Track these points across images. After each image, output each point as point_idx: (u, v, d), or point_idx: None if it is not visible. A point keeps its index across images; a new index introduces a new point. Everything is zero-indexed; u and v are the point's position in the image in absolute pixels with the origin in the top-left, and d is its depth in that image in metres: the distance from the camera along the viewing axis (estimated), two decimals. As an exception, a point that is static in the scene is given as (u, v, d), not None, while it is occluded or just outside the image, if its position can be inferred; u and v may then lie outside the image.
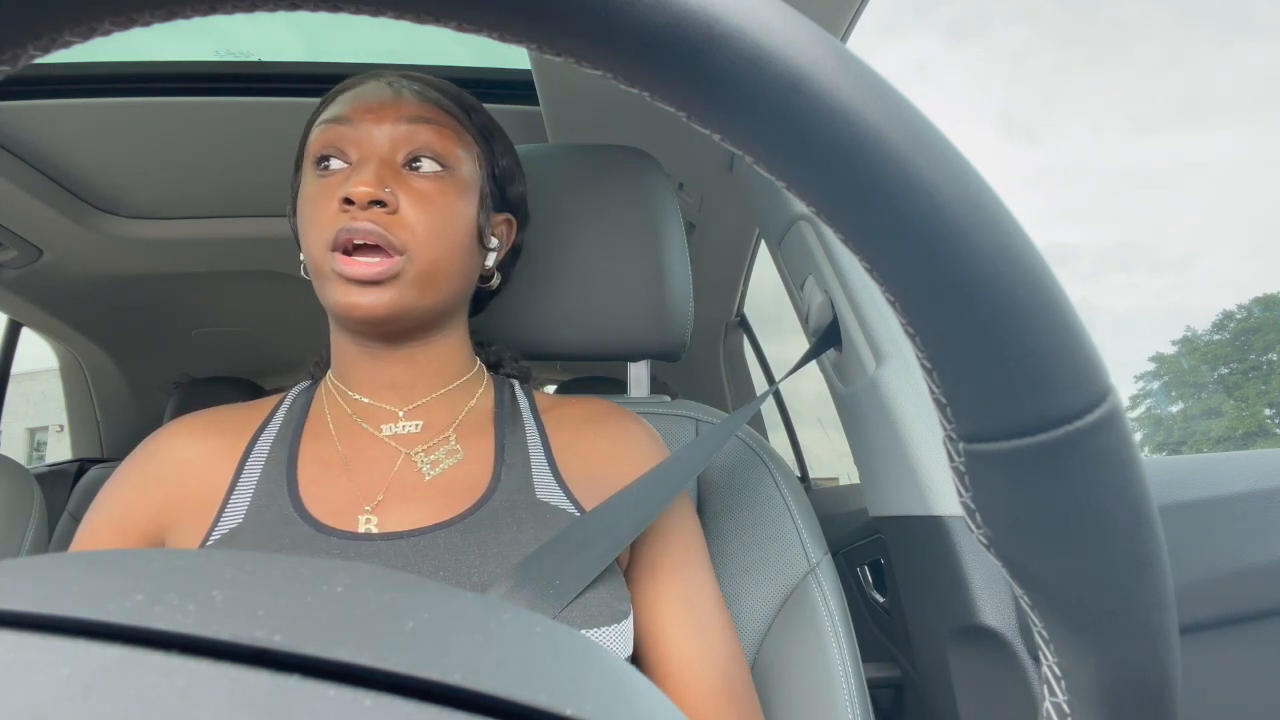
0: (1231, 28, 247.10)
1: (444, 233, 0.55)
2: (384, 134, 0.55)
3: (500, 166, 0.62)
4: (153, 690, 0.11)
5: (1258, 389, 23.49)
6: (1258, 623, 0.71)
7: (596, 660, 0.16)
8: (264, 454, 0.56)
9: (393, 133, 0.55)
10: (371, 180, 0.51)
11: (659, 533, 0.57)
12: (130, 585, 0.14)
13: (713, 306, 1.74)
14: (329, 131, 0.55)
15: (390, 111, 0.55)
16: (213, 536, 0.51)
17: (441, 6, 0.16)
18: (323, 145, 0.55)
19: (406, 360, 0.58)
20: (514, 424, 0.60)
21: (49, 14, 0.16)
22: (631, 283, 0.74)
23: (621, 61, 0.17)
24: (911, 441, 0.72)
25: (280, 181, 1.31)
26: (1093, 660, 0.20)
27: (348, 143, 0.55)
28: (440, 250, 0.54)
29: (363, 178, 0.51)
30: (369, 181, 0.51)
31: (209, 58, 1.16)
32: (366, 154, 0.54)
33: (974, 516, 0.20)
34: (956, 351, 0.18)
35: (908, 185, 0.16)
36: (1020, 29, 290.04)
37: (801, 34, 0.16)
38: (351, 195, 0.51)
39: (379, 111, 0.55)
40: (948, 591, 0.70)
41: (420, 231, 0.53)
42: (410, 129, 0.55)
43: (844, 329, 0.80)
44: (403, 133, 0.55)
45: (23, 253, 1.40)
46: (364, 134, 0.55)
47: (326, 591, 0.15)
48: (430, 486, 0.54)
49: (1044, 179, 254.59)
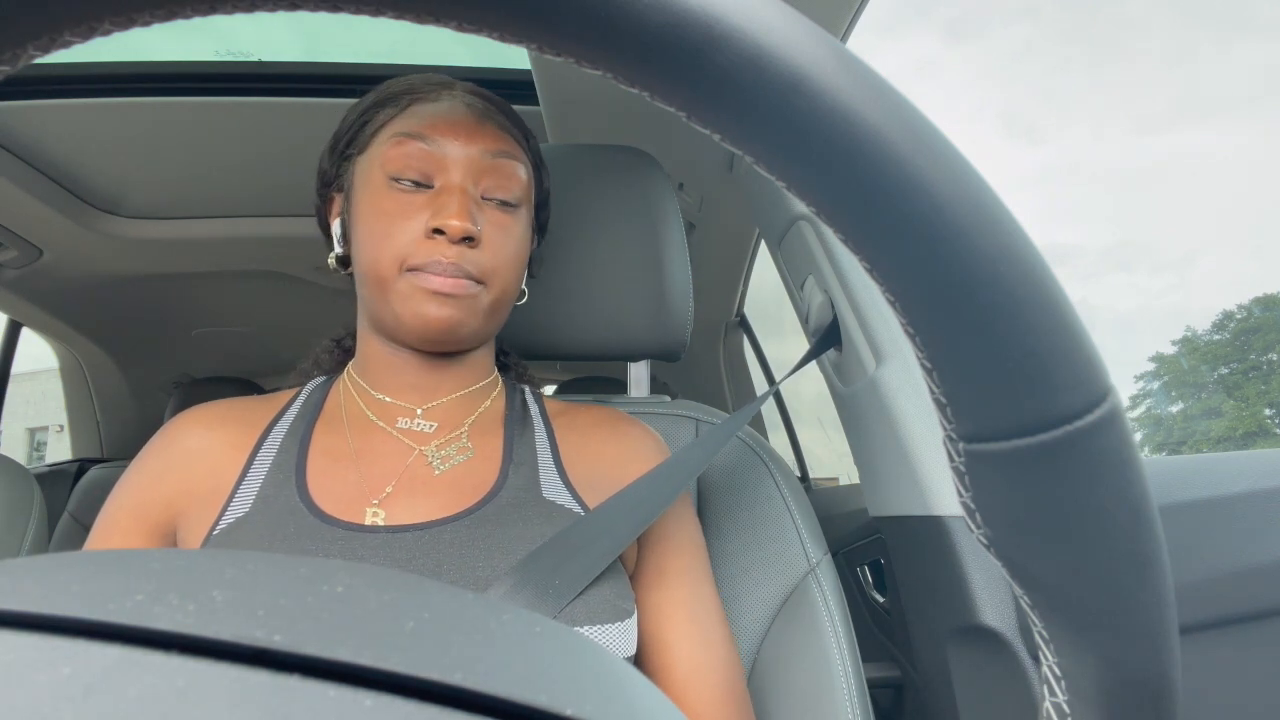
0: (1233, 27, 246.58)
1: (514, 265, 0.57)
2: (468, 161, 0.55)
3: (543, 191, 0.64)
4: (153, 690, 0.11)
5: (1258, 389, 23.49)
6: (1258, 623, 0.71)
7: (596, 660, 0.16)
8: (275, 445, 0.56)
9: (478, 163, 0.55)
10: (465, 215, 0.53)
11: (666, 537, 0.57)
12: (130, 585, 0.14)
13: (713, 306, 1.74)
14: (409, 147, 0.55)
15: (476, 138, 0.56)
16: (220, 525, 0.51)
17: (441, 6, 0.16)
18: (403, 160, 0.55)
19: (438, 367, 0.59)
20: (524, 426, 0.60)
21: (49, 14, 0.16)
22: (631, 283, 0.74)
23: (622, 61, 0.17)
24: (911, 441, 0.72)
25: (280, 181, 1.32)
26: (1093, 660, 0.20)
27: (430, 163, 0.55)
28: (510, 281, 0.57)
29: (454, 211, 0.52)
30: (462, 216, 0.52)
31: (209, 58, 1.16)
32: (450, 181, 0.55)
33: (974, 516, 0.20)
34: (956, 351, 0.18)
35: (907, 185, 0.16)
36: (1021, 28, 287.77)
37: (801, 34, 0.16)
38: (446, 228, 0.52)
39: (465, 137, 0.55)
40: (948, 591, 0.70)
41: (498, 265, 0.55)
42: (494, 163, 0.56)
43: (844, 329, 0.80)
44: (487, 164, 0.56)
45: (23, 253, 1.40)
46: (450, 158, 0.55)
47: (327, 591, 0.15)
48: (439, 481, 0.54)
49: (1045, 178, 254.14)
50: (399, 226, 0.54)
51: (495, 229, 0.55)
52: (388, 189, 0.55)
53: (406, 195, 0.54)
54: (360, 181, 0.57)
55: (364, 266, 0.56)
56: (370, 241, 0.55)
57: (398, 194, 0.55)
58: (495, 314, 0.57)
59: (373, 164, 0.56)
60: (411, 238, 0.53)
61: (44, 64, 1.09)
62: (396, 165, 0.55)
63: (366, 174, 0.57)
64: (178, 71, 1.14)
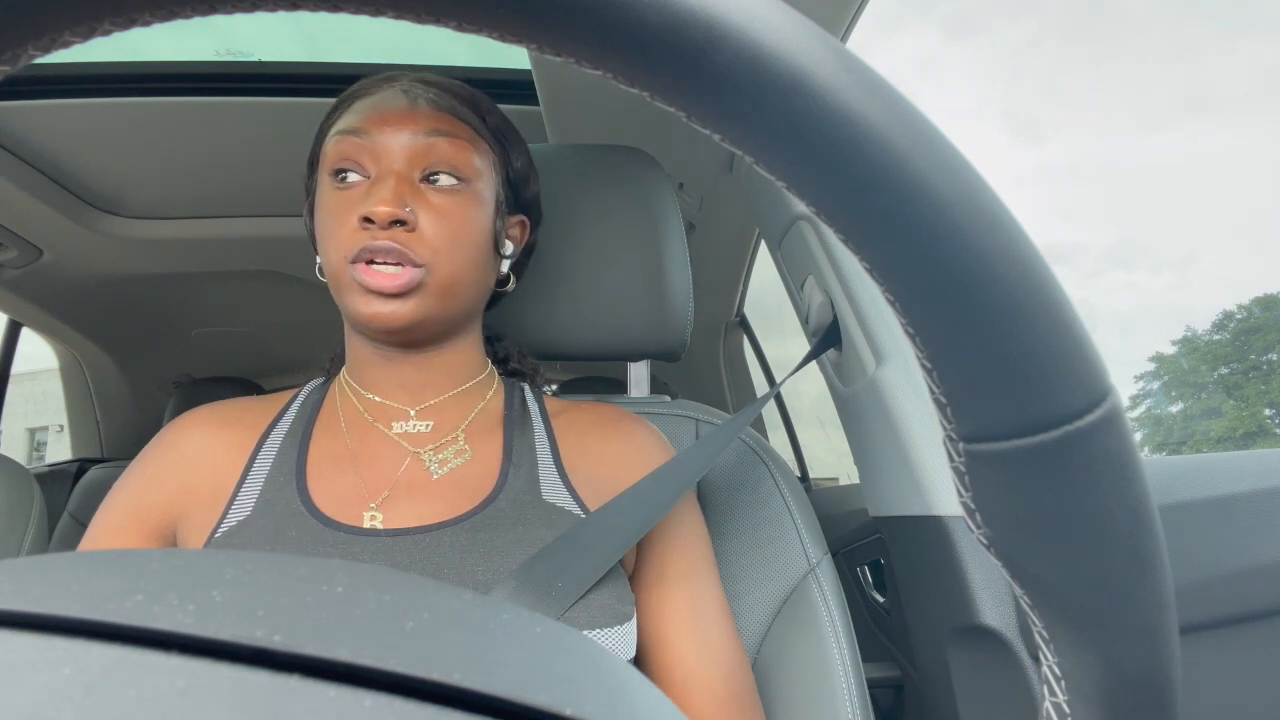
0: (1236, 24, 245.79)
1: (462, 245, 0.55)
2: (401, 147, 0.54)
3: (515, 169, 0.62)
4: (153, 690, 0.11)
5: (1258, 389, 23.50)
6: (1258, 623, 0.71)
7: (597, 660, 0.16)
8: (275, 448, 0.56)
9: (410, 145, 0.54)
10: (391, 199, 0.51)
11: (667, 539, 0.57)
12: (130, 585, 0.14)
13: (713, 306, 1.74)
14: (344, 143, 0.55)
15: (407, 123, 0.55)
16: (221, 528, 0.51)
17: (441, 6, 0.16)
18: (339, 157, 0.55)
19: (421, 363, 0.59)
20: (523, 426, 0.60)
21: (49, 14, 0.16)
22: (631, 283, 0.74)
23: (621, 62, 0.17)
24: (911, 441, 0.72)
25: (280, 181, 1.32)
26: (1093, 660, 0.20)
27: (364, 155, 0.55)
28: (459, 262, 0.55)
29: (381, 196, 0.52)
30: (388, 201, 0.51)
31: (209, 58, 1.16)
32: (384, 169, 0.54)
33: (974, 516, 0.20)
34: (956, 351, 0.18)
35: (907, 185, 0.16)
36: (1023, 26, 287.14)
37: (801, 34, 0.16)
38: (372, 215, 0.51)
39: (395, 123, 0.55)
40: (948, 591, 0.70)
41: (439, 245, 0.54)
42: (428, 142, 0.55)
43: (844, 329, 0.80)
44: (420, 146, 0.55)
45: (23, 253, 1.40)
46: (380, 146, 0.54)
47: (326, 591, 0.15)
48: (437, 485, 0.54)
49: (1045, 177, 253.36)
50: (339, 221, 0.54)
51: (433, 211, 0.54)
52: (332, 188, 0.55)
53: (344, 190, 0.55)
54: (318, 187, 0.58)
55: (325, 267, 0.56)
56: (321, 241, 0.56)
57: (337, 190, 0.55)
58: (450, 298, 0.55)
59: (323, 166, 0.57)
60: (349, 231, 0.53)
61: (44, 64, 1.09)
62: (334, 161, 0.55)
63: (320, 178, 0.58)
64: (178, 71, 1.14)
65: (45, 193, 1.27)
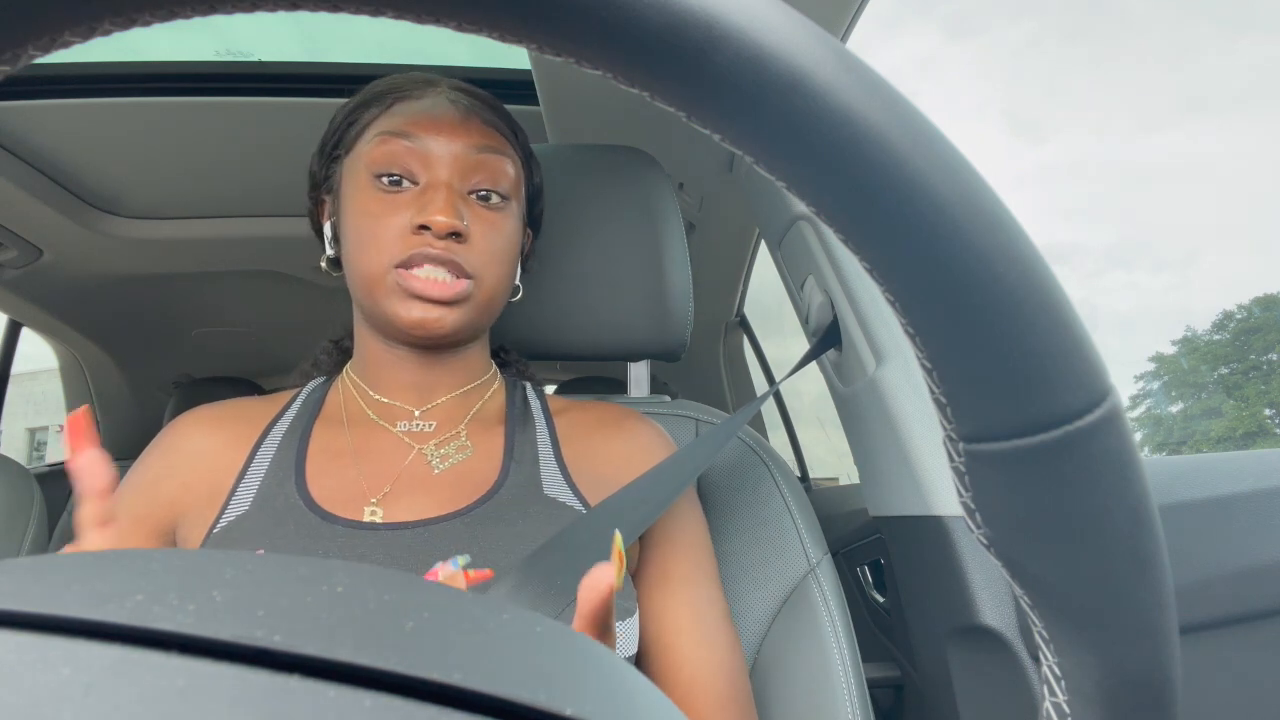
0: (1236, 24, 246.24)
1: (504, 259, 0.57)
2: (453, 158, 0.55)
3: (534, 185, 0.64)
4: (153, 690, 0.11)
5: (1258, 389, 23.48)
6: (1258, 623, 0.71)
7: (596, 659, 0.16)
8: (275, 444, 0.56)
9: (463, 157, 0.55)
10: (450, 211, 0.52)
11: (671, 540, 0.57)
12: (130, 585, 0.14)
13: (713, 306, 1.74)
14: (393, 145, 0.55)
15: (460, 134, 0.55)
16: (219, 524, 0.51)
17: (441, 6, 0.16)
18: (386, 159, 0.55)
19: (434, 365, 0.59)
20: (525, 423, 0.60)
21: (49, 14, 0.16)
22: (631, 283, 0.74)
23: (621, 61, 0.17)
24: (911, 441, 0.72)
25: (280, 181, 1.32)
26: (1093, 660, 0.20)
27: (413, 160, 0.55)
28: (500, 275, 0.57)
29: (439, 207, 0.52)
30: (447, 212, 0.52)
31: (209, 58, 1.16)
32: (435, 178, 0.54)
33: (974, 516, 0.20)
34: (956, 351, 0.18)
35: (907, 185, 0.16)
36: (1024, 26, 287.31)
37: (801, 34, 0.16)
38: (432, 225, 0.52)
39: (449, 133, 0.55)
40: (948, 591, 0.70)
41: (487, 260, 0.55)
42: (479, 158, 0.56)
43: (844, 329, 0.80)
44: (472, 160, 0.55)
45: (23, 253, 1.40)
46: (432, 154, 0.55)
47: (326, 591, 0.15)
48: (438, 480, 0.54)
49: (1046, 176, 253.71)
50: (385, 225, 0.53)
51: (483, 225, 0.55)
52: (373, 188, 0.55)
53: (392, 194, 0.54)
54: (347, 182, 0.57)
55: (354, 267, 0.56)
56: (358, 242, 0.55)
57: (383, 193, 0.54)
58: (487, 310, 0.57)
59: (358, 164, 0.56)
60: (397, 235, 0.53)
61: (44, 64, 1.09)
62: (381, 164, 0.55)
63: (353, 175, 0.57)
64: (178, 71, 1.14)
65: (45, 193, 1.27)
